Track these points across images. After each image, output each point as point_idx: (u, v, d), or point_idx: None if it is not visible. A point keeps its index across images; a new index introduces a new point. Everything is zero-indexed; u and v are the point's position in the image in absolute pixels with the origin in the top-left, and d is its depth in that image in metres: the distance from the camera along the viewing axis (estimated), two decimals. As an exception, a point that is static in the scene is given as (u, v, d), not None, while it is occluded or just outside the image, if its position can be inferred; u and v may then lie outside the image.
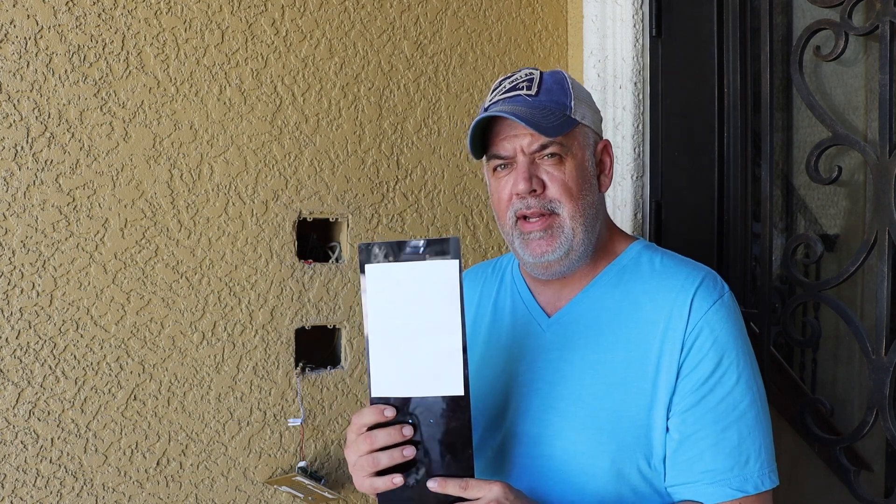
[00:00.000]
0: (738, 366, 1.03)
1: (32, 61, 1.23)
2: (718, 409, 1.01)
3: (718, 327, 1.03)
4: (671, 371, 1.03)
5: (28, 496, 1.25)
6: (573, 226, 1.07)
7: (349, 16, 1.55)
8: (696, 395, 1.02)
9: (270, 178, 1.47)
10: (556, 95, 1.08)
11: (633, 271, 1.11)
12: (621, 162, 1.73)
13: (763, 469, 1.01)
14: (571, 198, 1.06)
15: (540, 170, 1.06)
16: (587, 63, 1.81)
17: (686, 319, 1.03)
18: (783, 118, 1.69)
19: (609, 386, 1.04)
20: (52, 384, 1.27)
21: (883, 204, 1.29)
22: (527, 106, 1.06)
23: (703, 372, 1.02)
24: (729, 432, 1.01)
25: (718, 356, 1.02)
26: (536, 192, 1.06)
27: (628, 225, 1.72)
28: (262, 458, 1.47)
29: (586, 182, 1.08)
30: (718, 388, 1.01)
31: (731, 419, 1.01)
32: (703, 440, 1.01)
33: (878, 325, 1.30)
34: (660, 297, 1.06)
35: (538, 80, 1.10)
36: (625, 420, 1.03)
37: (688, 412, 1.02)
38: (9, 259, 1.23)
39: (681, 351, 1.03)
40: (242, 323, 1.45)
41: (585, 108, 1.11)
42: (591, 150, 1.11)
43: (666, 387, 1.03)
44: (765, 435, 1.03)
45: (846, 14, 1.34)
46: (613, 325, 1.08)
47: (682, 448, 1.02)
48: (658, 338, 1.04)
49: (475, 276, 1.30)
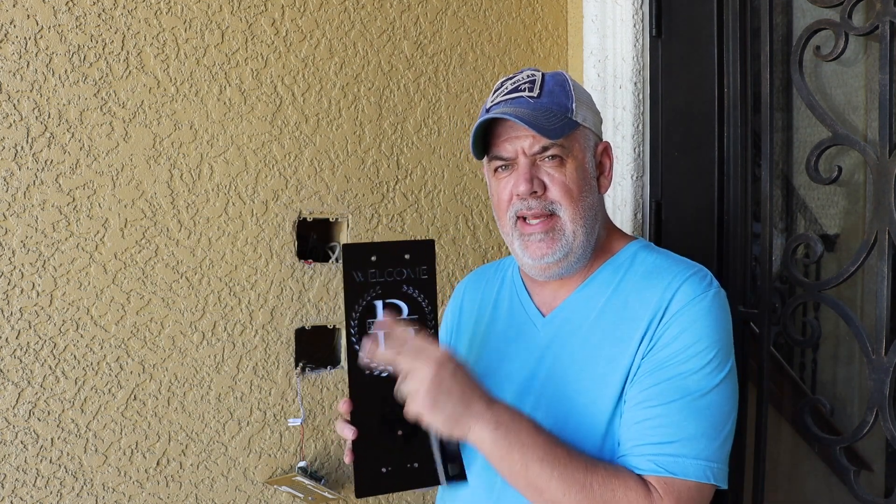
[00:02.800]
0: (710, 357, 1.00)
1: (32, 61, 1.23)
2: (669, 385, 0.98)
3: (701, 315, 1.01)
4: (643, 349, 1.02)
5: (28, 496, 1.25)
6: (573, 228, 1.07)
7: (349, 16, 1.55)
8: (653, 370, 1.00)
9: (270, 178, 1.47)
10: (557, 97, 1.08)
11: (628, 270, 1.11)
12: (621, 162, 1.73)
13: (699, 459, 0.96)
14: (572, 199, 1.06)
15: (541, 171, 1.07)
16: (587, 63, 1.81)
17: (668, 303, 1.03)
18: (783, 118, 1.69)
19: (592, 380, 1.05)
20: (52, 384, 1.27)
21: (883, 204, 1.29)
22: (528, 108, 1.06)
23: (669, 352, 1.00)
24: (671, 408, 0.97)
25: (689, 342, 1.00)
26: (537, 194, 1.06)
27: (628, 225, 1.72)
28: (262, 458, 1.47)
29: (586, 184, 1.08)
30: (677, 367, 0.99)
31: (678, 397, 0.98)
32: (645, 410, 0.99)
33: (878, 325, 1.30)
34: (647, 294, 1.06)
35: (540, 81, 1.09)
36: (603, 414, 1.03)
37: (640, 382, 1.00)
38: (9, 259, 1.23)
39: (656, 328, 1.02)
40: (242, 323, 1.45)
41: (586, 111, 1.11)
42: (592, 152, 1.11)
43: (630, 372, 1.02)
44: (715, 430, 0.98)
45: (846, 14, 1.34)
46: (602, 323, 1.08)
47: (626, 417, 1.01)
48: (640, 332, 1.04)
49: (478, 278, 1.31)
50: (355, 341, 0.96)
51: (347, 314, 0.95)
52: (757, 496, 1.50)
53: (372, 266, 0.96)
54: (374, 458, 0.97)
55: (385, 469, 0.97)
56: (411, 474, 0.98)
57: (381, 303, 0.97)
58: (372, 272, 0.96)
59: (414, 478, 0.98)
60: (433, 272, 0.98)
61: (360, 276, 0.96)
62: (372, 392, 0.97)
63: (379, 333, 0.96)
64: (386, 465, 0.97)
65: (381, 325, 0.96)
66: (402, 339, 0.95)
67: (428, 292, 0.99)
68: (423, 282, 0.98)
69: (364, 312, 0.96)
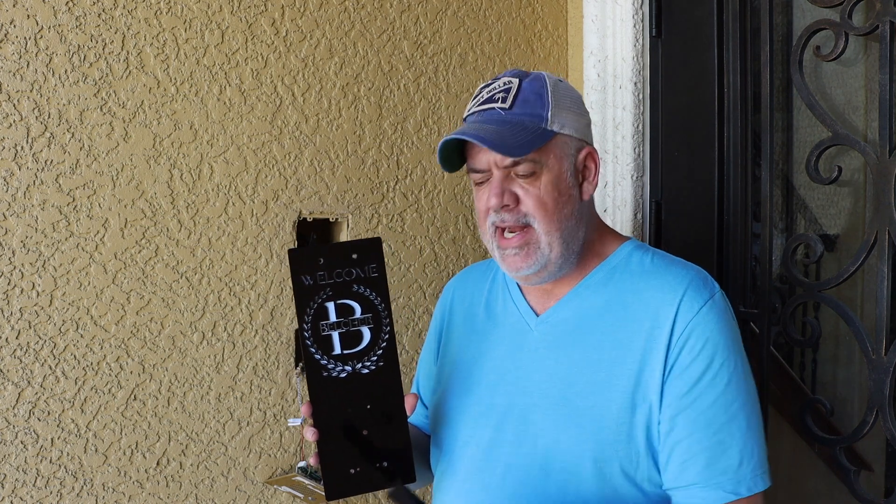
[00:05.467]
0: (729, 367, 1.02)
1: (32, 61, 1.23)
2: (710, 412, 1.01)
3: (709, 329, 1.02)
4: (655, 371, 1.02)
5: (28, 496, 1.25)
6: (549, 240, 1.06)
7: (349, 16, 1.55)
8: (687, 397, 1.01)
9: (270, 178, 1.47)
10: (531, 107, 1.06)
11: (623, 271, 1.11)
12: (621, 162, 1.73)
13: (756, 470, 1.01)
14: (546, 212, 1.05)
15: (514, 183, 1.06)
16: (587, 63, 1.81)
17: (673, 320, 1.03)
18: (783, 118, 1.69)
19: (594, 385, 1.04)
20: (52, 384, 1.27)
21: (883, 204, 1.29)
22: (496, 123, 1.05)
23: (694, 374, 1.01)
24: (721, 435, 1.01)
25: (709, 358, 1.01)
26: (509, 207, 1.06)
27: (628, 225, 1.72)
28: (262, 458, 1.48)
29: (563, 195, 1.06)
30: (710, 391, 1.01)
31: (723, 421, 1.01)
32: (696, 444, 1.01)
33: (878, 325, 1.30)
34: (647, 297, 1.06)
35: (515, 90, 1.07)
36: (607, 418, 1.03)
37: (679, 415, 1.01)
38: (9, 259, 1.23)
39: (667, 351, 1.02)
40: (242, 323, 1.45)
41: (566, 116, 1.08)
42: (572, 159, 1.08)
43: (651, 387, 1.02)
44: (757, 436, 1.03)
45: (846, 14, 1.34)
46: (600, 325, 1.07)
47: (676, 452, 1.02)
48: (643, 336, 1.04)
49: (468, 276, 1.31)
50: (310, 344, 0.97)
51: (300, 319, 0.96)
52: (757, 496, 1.50)
53: (320, 269, 0.97)
54: (340, 460, 0.97)
55: (353, 470, 0.97)
56: (381, 473, 0.98)
57: (332, 304, 0.97)
58: (320, 275, 0.97)
59: (385, 477, 0.98)
60: (383, 269, 0.99)
61: (309, 279, 0.97)
62: (331, 393, 0.98)
63: (333, 334, 0.97)
64: (354, 466, 0.97)
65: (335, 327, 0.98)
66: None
67: (380, 290, 0.99)
68: (374, 280, 0.99)
69: (316, 316, 0.97)
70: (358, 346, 0.98)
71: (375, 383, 0.99)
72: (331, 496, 0.97)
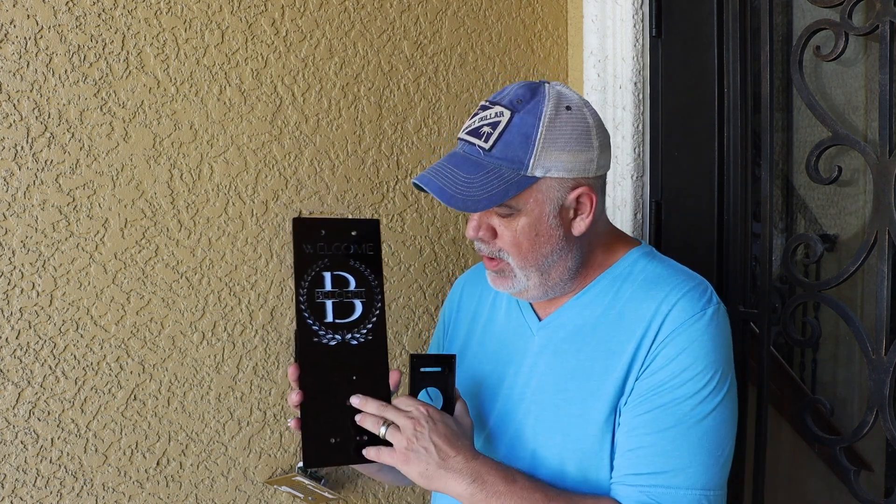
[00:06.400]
0: (702, 381, 0.98)
1: (32, 61, 1.23)
2: (664, 412, 0.97)
3: (691, 339, 0.99)
4: (633, 374, 1.01)
5: (28, 496, 1.25)
6: (525, 273, 1.06)
7: (349, 16, 1.55)
8: (644, 395, 0.99)
9: (270, 178, 1.47)
10: (513, 151, 0.99)
11: (626, 279, 1.09)
12: (621, 162, 1.73)
13: (693, 489, 0.95)
14: (520, 251, 1.04)
15: (493, 218, 1.04)
16: (587, 63, 1.81)
17: (659, 326, 1.00)
18: (783, 118, 1.69)
19: (585, 393, 1.04)
20: (52, 384, 1.27)
21: (883, 204, 1.29)
22: (468, 168, 1.01)
23: (664, 375, 0.99)
24: (665, 436, 0.96)
25: (682, 366, 0.98)
26: (485, 240, 1.06)
27: (628, 225, 1.72)
28: (262, 458, 1.48)
29: (542, 235, 1.03)
30: (672, 392, 0.98)
31: (672, 424, 0.96)
32: (637, 438, 0.98)
33: (878, 325, 1.30)
34: (644, 307, 1.03)
35: (503, 126, 1.00)
36: (592, 426, 1.02)
37: (633, 407, 0.99)
38: (9, 259, 1.23)
39: (646, 355, 1.00)
40: (242, 323, 1.45)
41: (558, 157, 1.00)
42: (557, 203, 1.02)
43: (627, 390, 1.01)
44: (712, 456, 0.97)
45: (846, 14, 1.34)
46: (596, 333, 1.07)
47: (619, 444, 1.00)
48: (633, 346, 1.02)
49: (478, 274, 1.30)
50: (304, 309, 0.99)
51: (297, 284, 1.00)
52: (757, 496, 1.51)
53: (321, 240, 1.02)
54: (321, 427, 0.98)
55: (334, 440, 0.98)
56: (361, 446, 0.98)
57: (329, 274, 1.01)
58: (320, 245, 1.02)
59: (364, 451, 0.99)
60: (379, 250, 1.04)
61: (310, 248, 1.01)
62: (320, 359, 0.99)
63: (327, 302, 1.00)
64: (334, 436, 0.98)
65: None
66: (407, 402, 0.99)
67: (374, 268, 1.04)
68: (370, 257, 1.04)
69: (312, 283, 1.01)
70: (350, 317, 1.01)
71: (363, 356, 1.01)
72: (308, 463, 0.98)
